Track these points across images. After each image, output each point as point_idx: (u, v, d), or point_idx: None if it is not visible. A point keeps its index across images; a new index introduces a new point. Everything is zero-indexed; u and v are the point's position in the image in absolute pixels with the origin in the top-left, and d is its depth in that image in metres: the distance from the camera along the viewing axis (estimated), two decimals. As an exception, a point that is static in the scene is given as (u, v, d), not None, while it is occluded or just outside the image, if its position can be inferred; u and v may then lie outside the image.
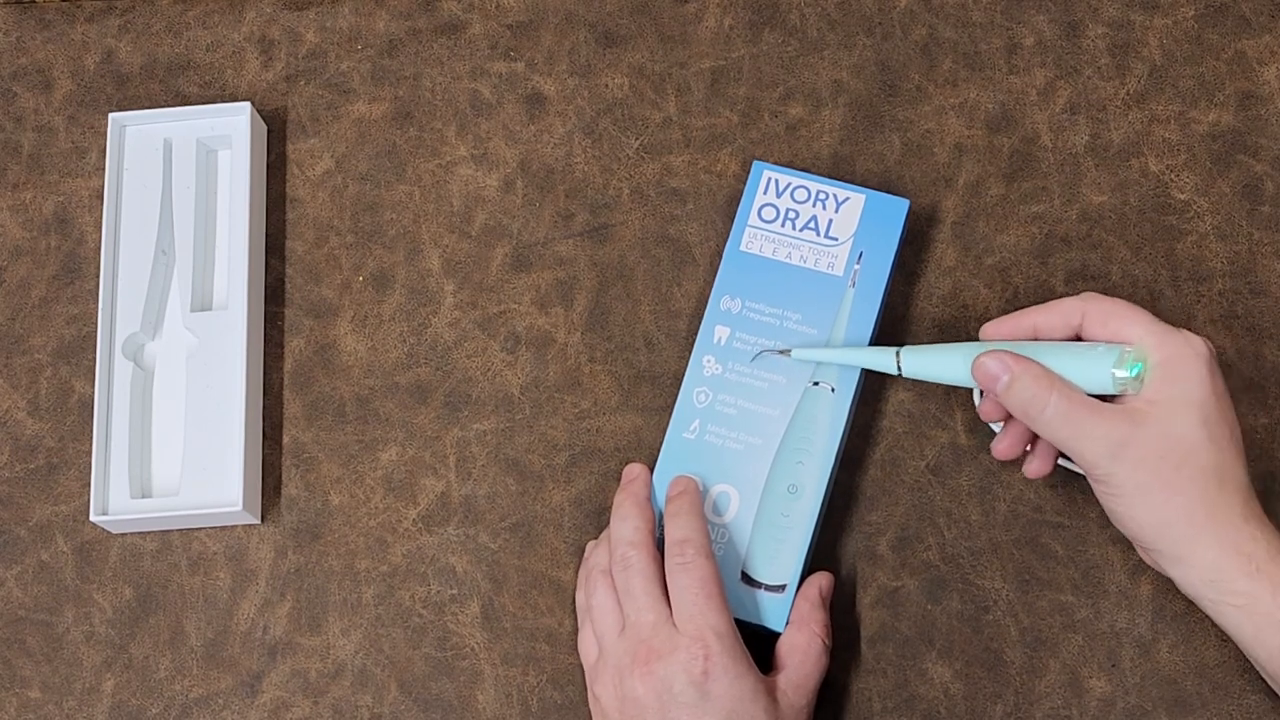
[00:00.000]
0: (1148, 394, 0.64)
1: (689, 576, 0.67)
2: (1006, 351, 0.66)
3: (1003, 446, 0.70)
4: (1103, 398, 0.65)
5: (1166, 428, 0.63)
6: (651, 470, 0.73)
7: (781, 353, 0.73)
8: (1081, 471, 0.68)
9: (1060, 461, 0.70)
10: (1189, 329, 0.76)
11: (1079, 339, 0.68)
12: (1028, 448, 0.70)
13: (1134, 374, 0.64)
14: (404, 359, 0.79)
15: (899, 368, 0.70)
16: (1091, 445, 0.63)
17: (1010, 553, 0.74)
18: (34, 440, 0.79)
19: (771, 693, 0.66)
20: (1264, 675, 0.66)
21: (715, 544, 0.72)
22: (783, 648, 0.69)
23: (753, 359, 0.73)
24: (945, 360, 0.69)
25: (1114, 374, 0.64)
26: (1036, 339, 0.68)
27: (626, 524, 0.70)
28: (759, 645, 0.73)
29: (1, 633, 0.76)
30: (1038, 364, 0.65)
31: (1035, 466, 0.70)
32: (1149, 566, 0.73)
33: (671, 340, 0.78)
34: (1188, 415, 0.63)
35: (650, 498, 0.72)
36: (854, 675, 0.73)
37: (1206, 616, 0.71)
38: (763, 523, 0.72)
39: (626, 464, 0.75)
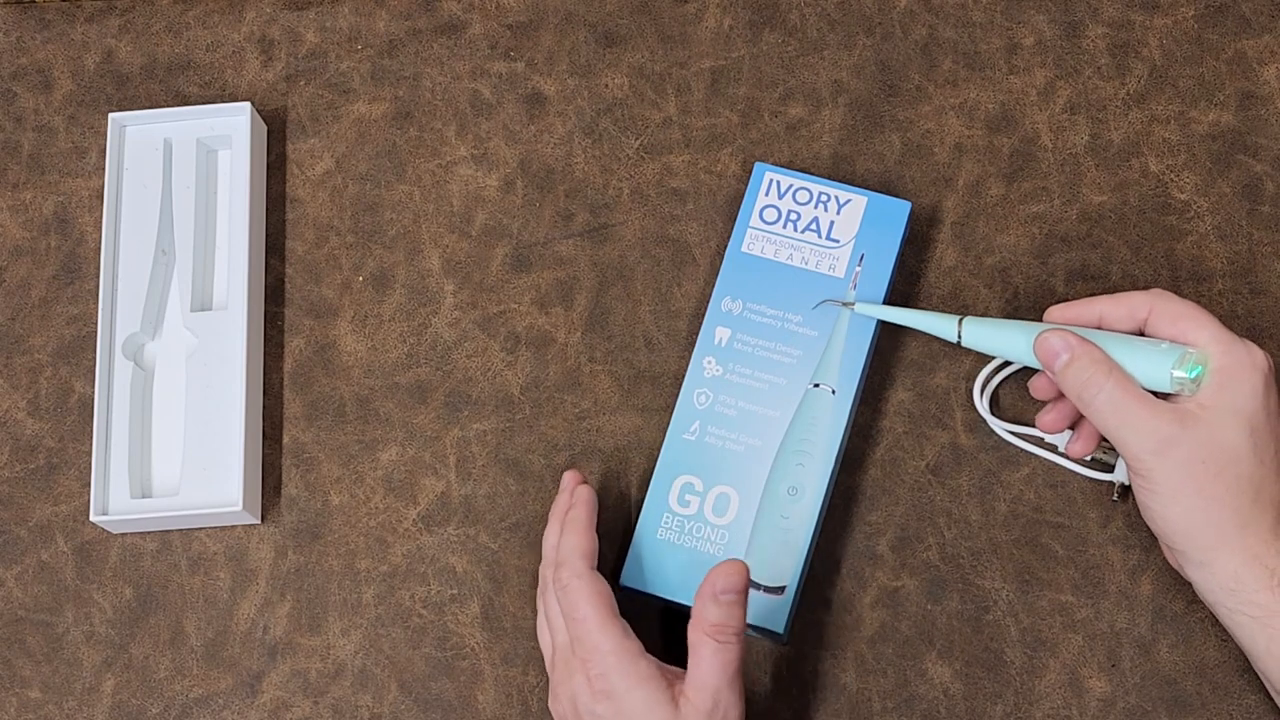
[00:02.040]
0: (1201, 398, 0.64)
1: (565, 601, 0.67)
2: (1071, 332, 0.67)
3: (1048, 419, 0.71)
4: (1156, 395, 0.66)
5: (1213, 433, 0.63)
6: (650, 467, 0.74)
7: (845, 305, 0.74)
8: (1110, 476, 0.69)
9: (1098, 453, 0.72)
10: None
11: (1142, 334, 0.68)
12: (1071, 429, 0.73)
13: (1192, 376, 0.64)
14: (404, 359, 0.79)
15: (959, 336, 0.71)
16: (1137, 438, 0.64)
17: (1010, 553, 0.74)
18: (34, 440, 0.79)
19: (674, 699, 0.65)
20: (1270, 689, 0.66)
21: (714, 545, 0.72)
22: (689, 649, 0.68)
23: (815, 306, 0.74)
24: (1007, 335, 0.70)
25: (1173, 374, 0.65)
26: (1100, 327, 0.68)
27: (548, 541, 0.71)
28: (760, 647, 0.73)
29: (1, 633, 0.76)
30: (1099, 349, 0.66)
31: (1078, 447, 0.72)
32: (1149, 567, 0.73)
33: (671, 340, 0.78)
34: (1236, 424, 0.63)
35: (586, 519, 0.71)
36: (854, 675, 0.73)
37: (1206, 617, 0.72)
38: (762, 524, 0.72)
39: (629, 463, 0.75)
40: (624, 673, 0.65)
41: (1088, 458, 0.73)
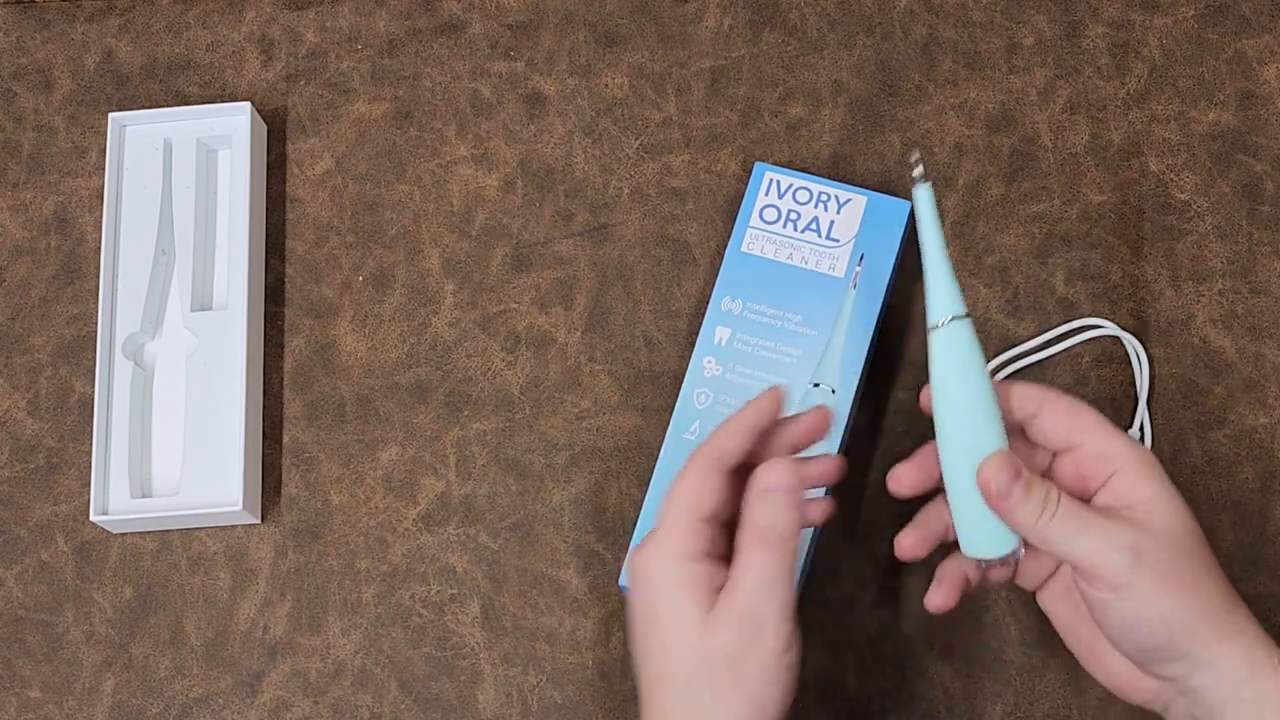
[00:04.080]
0: (1133, 496, 0.60)
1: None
2: (1012, 456, 0.60)
3: (909, 543, 0.64)
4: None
5: (1167, 523, 0.59)
6: (650, 467, 0.73)
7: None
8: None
9: (982, 563, 0.63)
10: (1189, 329, 0.77)
11: (1023, 430, 0.63)
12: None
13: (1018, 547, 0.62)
14: (404, 359, 0.79)
15: (937, 325, 0.62)
16: (1106, 541, 0.58)
17: (1010, 553, 0.74)
18: (34, 440, 0.79)
19: (710, 605, 0.61)
20: None
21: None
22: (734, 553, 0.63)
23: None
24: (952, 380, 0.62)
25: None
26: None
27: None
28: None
29: (1, 633, 0.76)
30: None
31: (938, 599, 0.64)
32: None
33: (671, 340, 0.78)
34: (1180, 510, 0.60)
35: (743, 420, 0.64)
36: (854, 675, 0.73)
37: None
38: (763, 523, 0.71)
39: (629, 463, 0.75)
40: (664, 570, 0.60)
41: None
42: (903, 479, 0.64)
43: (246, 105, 0.81)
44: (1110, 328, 0.76)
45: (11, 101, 0.85)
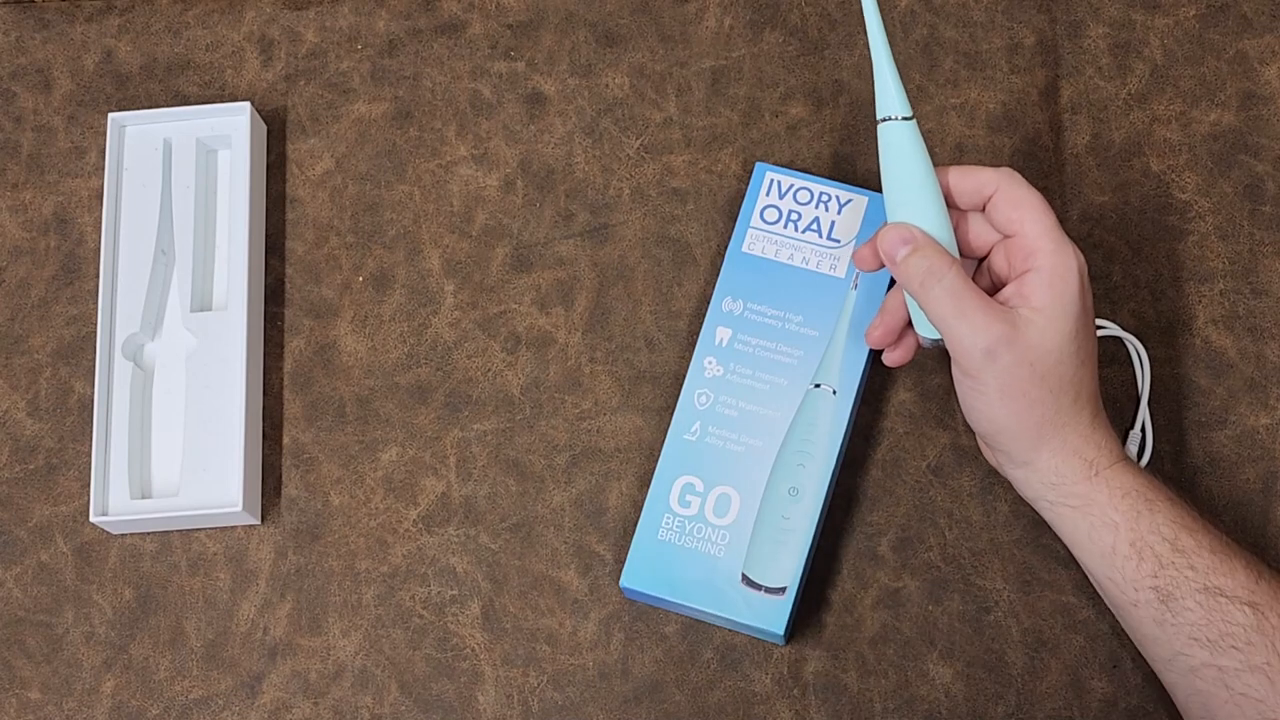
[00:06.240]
0: (1032, 300, 0.64)
1: None
2: (913, 226, 0.66)
3: (877, 335, 0.71)
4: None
5: (1041, 339, 0.64)
6: (650, 468, 0.73)
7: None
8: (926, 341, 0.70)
9: (923, 341, 0.70)
10: (1189, 329, 0.77)
11: (983, 210, 0.68)
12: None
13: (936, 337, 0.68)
14: (404, 359, 0.79)
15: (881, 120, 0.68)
16: (972, 334, 0.64)
17: (1011, 553, 0.74)
18: (34, 440, 0.78)
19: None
20: (1092, 580, 0.68)
21: (715, 546, 0.71)
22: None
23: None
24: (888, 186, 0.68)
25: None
26: (948, 196, 0.68)
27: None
28: (760, 647, 0.73)
29: (1, 633, 0.76)
30: (940, 245, 0.66)
31: (896, 355, 0.71)
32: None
33: (672, 340, 0.78)
34: (1063, 329, 0.64)
35: None
36: (855, 676, 0.72)
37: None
38: (763, 525, 0.72)
39: (629, 463, 0.75)
40: None
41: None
42: (864, 257, 0.70)
43: (246, 105, 0.81)
44: (1111, 328, 0.76)
45: (11, 101, 0.84)
